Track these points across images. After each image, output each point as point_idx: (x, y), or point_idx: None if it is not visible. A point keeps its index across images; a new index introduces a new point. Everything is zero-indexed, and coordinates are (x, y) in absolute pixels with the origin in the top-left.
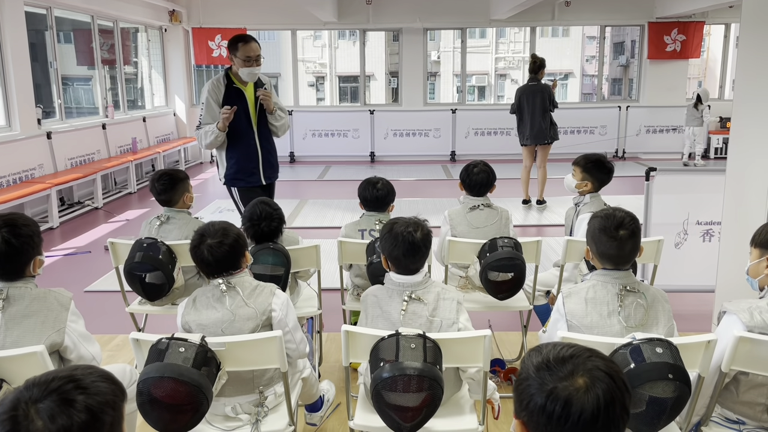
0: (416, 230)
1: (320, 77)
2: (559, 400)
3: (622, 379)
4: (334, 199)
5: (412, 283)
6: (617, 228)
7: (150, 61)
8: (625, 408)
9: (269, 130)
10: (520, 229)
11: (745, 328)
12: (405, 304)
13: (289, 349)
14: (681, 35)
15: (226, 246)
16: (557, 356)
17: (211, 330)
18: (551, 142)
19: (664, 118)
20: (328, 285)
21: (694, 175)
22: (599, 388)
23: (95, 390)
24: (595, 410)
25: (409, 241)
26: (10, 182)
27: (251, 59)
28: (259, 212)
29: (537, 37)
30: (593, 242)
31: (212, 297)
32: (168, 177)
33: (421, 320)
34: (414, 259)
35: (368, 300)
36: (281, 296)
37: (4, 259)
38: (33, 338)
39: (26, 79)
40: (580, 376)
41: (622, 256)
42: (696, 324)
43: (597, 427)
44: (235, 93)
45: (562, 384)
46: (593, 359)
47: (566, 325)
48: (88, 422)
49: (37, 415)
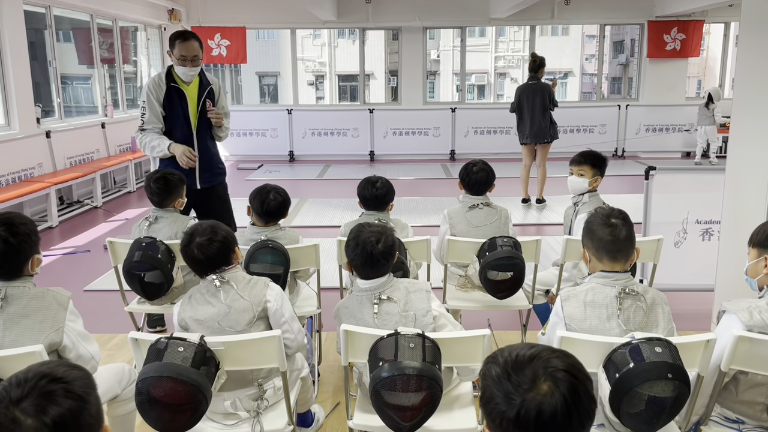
0: (378, 241)
1: (320, 76)
2: (530, 411)
3: (580, 371)
4: (333, 198)
5: (377, 286)
6: (609, 216)
7: (149, 59)
8: (590, 396)
9: (210, 133)
10: (519, 228)
11: (744, 327)
12: (376, 307)
13: (288, 339)
14: (681, 34)
15: (216, 243)
16: (515, 364)
17: (208, 324)
18: (551, 140)
19: (663, 116)
20: (327, 284)
21: (694, 174)
22: (563, 388)
23: (71, 377)
24: (564, 409)
25: (369, 252)
26: (9, 181)
27: (186, 59)
28: (268, 188)
29: (536, 36)
30: (589, 238)
31: (207, 293)
32: (164, 181)
33: (395, 318)
34: (373, 270)
35: (341, 312)
36: (275, 288)
37: (1, 258)
38: (31, 338)
39: (25, 78)
40: (543, 382)
41: (618, 243)
42: (695, 323)
43: (572, 421)
44: (176, 93)
45: (529, 395)
46: (550, 360)
47: (565, 328)
48: (77, 407)
49: (24, 415)
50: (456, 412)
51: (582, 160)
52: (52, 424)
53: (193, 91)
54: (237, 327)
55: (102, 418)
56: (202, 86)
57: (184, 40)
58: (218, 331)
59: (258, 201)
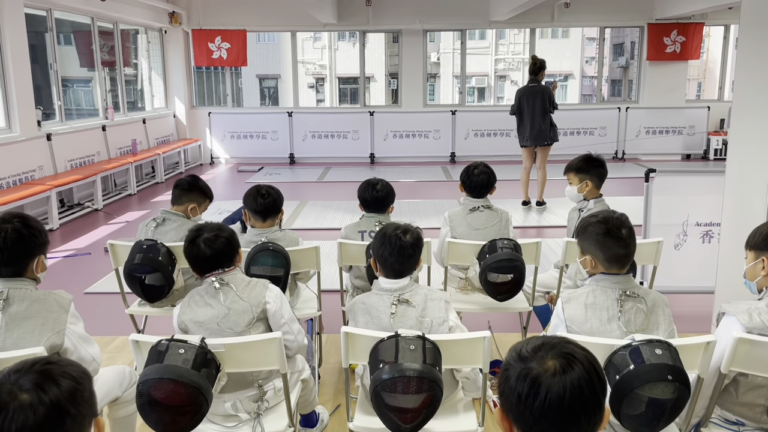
0: (406, 233)
1: (320, 79)
2: (527, 379)
3: (593, 366)
4: (333, 200)
5: (398, 288)
6: (620, 228)
7: (150, 62)
8: (595, 395)
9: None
10: (519, 230)
11: (744, 329)
12: (394, 308)
13: (288, 341)
14: (680, 36)
15: (223, 239)
16: (533, 344)
17: (208, 326)
18: (551, 143)
19: (663, 119)
20: (327, 286)
21: (694, 176)
22: (569, 373)
23: (67, 362)
24: (561, 392)
25: (399, 245)
26: (10, 184)
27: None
28: (258, 186)
29: (537, 39)
30: (599, 249)
31: (206, 294)
32: (186, 182)
33: (411, 322)
34: (400, 260)
35: (357, 307)
36: (274, 289)
37: (11, 248)
38: (33, 340)
39: (26, 81)
40: (550, 359)
41: (630, 255)
42: (695, 325)
43: (564, 409)
44: None
45: (532, 365)
46: (568, 346)
47: (566, 330)
48: (74, 388)
49: (22, 391)
50: (456, 414)
51: (566, 170)
52: (49, 402)
53: None
54: (236, 328)
55: (95, 409)
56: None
57: None
58: (217, 333)
59: (251, 199)
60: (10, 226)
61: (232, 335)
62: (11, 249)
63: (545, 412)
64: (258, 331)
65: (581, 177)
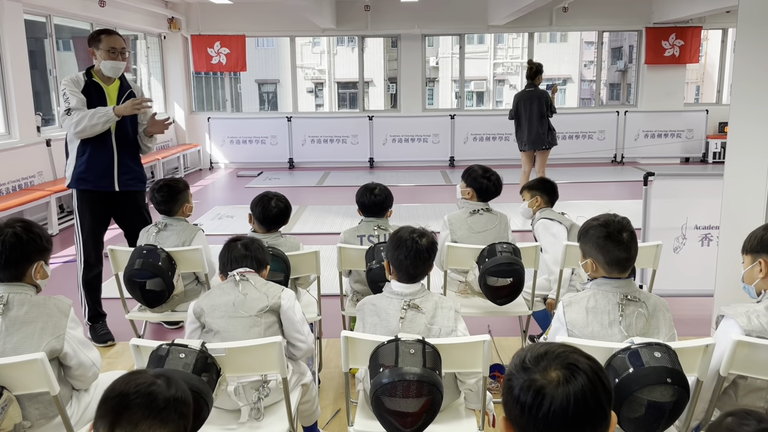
0: (422, 236)
1: (319, 83)
2: (530, 391)
3: (598, 376)
4: (333, 205)
5: (410, 292)
6: (621, 231)
7: (149, 68)
8: (600, 405)
9: (132, 138)
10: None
11: (743, 332)
12: (404, 312)
13: (299, 341)
14: (679, 40)
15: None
16: (536, 353)
17: (223, 309)
18: (549, 147)
19: (662, 123)
20: (327, 291)
21: (692, 179)
22: (572, 383)
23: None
24: (564, 403)
25: (415, 248)
26: (10, 190)
27: (116, 51)
28: (270, 195)
29: (535, 43)
30: (600, 253)
31: (226, 286)
32: (168, 188)
33: (419, 328)
34: (415, 263)
35: (366, 308)
36: (289, 292)
37: (8, 251)
38: (32, 344)
39: (26, 87)
40: (554, 370)
41: (631, 258)
42: (695, 328)
43: (568, 420)
44: (95, 89)
45: (535, 376)
46: (573, 355)
47: (567, 334)
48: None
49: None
50: (457, 418)
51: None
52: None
53: (114, 90)
54: (250, 312)
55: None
56: (123, 88)
57: (110, 34)
58: (231, 313)
59: (260, 208)
60: (11, 230)
61: (244, 318)
62: (9, 253)
63: (549, 424)
64: (269, 321)
65: (533, 193)
